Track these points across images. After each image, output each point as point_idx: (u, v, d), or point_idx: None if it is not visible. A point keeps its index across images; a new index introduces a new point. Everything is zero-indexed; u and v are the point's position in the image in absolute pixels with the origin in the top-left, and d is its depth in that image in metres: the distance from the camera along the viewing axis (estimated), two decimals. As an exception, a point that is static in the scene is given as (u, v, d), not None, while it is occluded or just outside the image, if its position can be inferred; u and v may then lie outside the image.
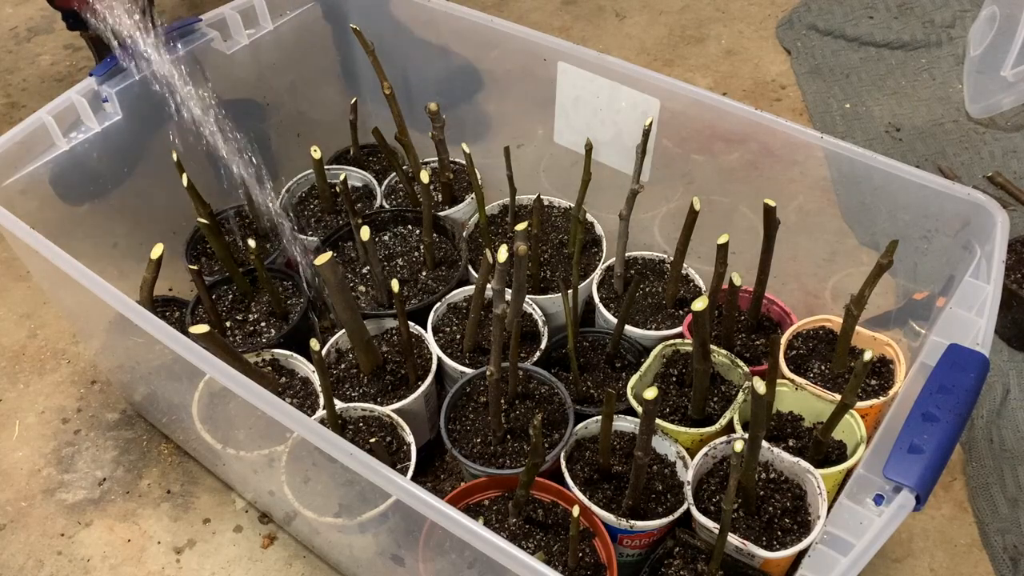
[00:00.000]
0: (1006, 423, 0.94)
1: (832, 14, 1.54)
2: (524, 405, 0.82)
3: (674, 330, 0.88)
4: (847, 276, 0.87)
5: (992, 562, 0.86)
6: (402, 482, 0.57)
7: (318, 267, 0.73)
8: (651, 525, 0.73)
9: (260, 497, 0.91)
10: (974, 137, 1.30)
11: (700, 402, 0.78)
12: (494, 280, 0.71)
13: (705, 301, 0.66)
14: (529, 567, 0.53)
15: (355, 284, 0.95)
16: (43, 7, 1.70)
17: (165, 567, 0.89)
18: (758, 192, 0.77)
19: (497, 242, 0.99)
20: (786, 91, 1.44)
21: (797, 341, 0.85)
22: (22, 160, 0.83)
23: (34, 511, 0.94)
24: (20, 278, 1.18)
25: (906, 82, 1.41)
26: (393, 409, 0.81)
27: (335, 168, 1.08)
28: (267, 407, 0.62)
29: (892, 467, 0.56)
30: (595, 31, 1.59)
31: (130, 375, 0.96)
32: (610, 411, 0.71)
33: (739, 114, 0.83)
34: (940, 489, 0.92)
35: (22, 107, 1.47)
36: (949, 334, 0.65)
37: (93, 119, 0.87)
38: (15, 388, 1.05)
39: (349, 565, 0.85)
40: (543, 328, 0.89)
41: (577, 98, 0.93)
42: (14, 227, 0.75)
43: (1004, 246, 0.69)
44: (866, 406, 0.77)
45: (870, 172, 0.78)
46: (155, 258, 0.80)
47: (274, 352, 0.86)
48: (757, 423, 0.63)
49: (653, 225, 0.98)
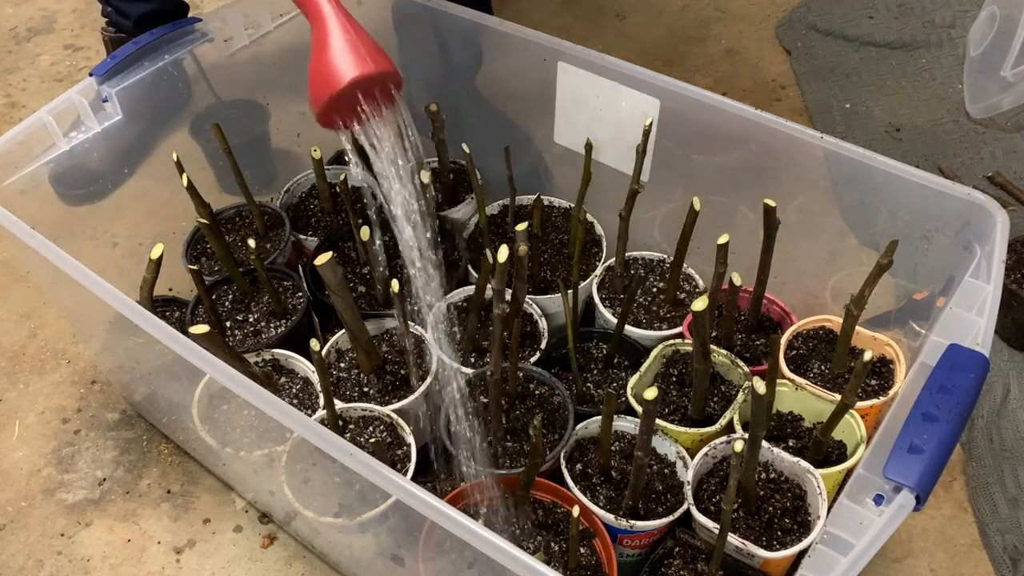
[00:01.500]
0: (1006, 423, 0.94)
1: (832, 14, 1.53)
2: (524, 405, 0.82)
3: (674, 330, 0.88)
4: (847, 276, 0.87)
5: (992, 562, 0.86)
6: (402, 482, 0.57)
7: (318, 267, 0.73)
8: (651, 525, 0.73)
9: (260, 497, 0.91)
10: (974, 137, 1.29)
11: (700, 402, 0.78)
12: (494, 280, 0.71)
13: (705, 301, 0.66)
14: (529, 567, 0.53)
15: (355, 284, 0.95)
16: (43, 7, 1.70)
17: (165, 567, 0.89)
18: (758, 192, 0.77)
19: (497, 242, 0.99)
20: (786, 91, 1.44)
21: (797, 341, 0.85)
22: (22, 160, 0.83)
23: (34, 511, 0.94)
24: (20, 278, 1.18)
25: (906, 82, 1.41)
26: (393, 409, 0.81)
27: (335, 168, 1.08)
28: (267, 407, 0.62)
29: (892, 467, 0.56)
30: (595, 31, 1.59)
31: (130, 375, 0.96)
32: (610, 411, 0.71)
33: (739, 114, 0.83)
34: (940, 489, 0.92)
35: (22, 107, 1.47)
36: (949, 334, 0.65)
37: (93, 119, 0.87)
38: (15, 388, 1.05)
39: (349, 565, 0.85)
40: (543, 328, 0.89)
41: (577, 98, 0.93)
42: (14, 227, 0.75)
43: (1004, 246, 0.69)
44: (866, 406, 0.77)
45: (870, 172, 0.78)
46: (155, 258, 0.80)
47: (274, 352, 0.86)
48: (757, 423, 0.63)
49: (653, 225, 0.97)
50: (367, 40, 0.68)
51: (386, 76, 0.68)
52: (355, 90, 0.68)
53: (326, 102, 0.68)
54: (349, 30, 0.67)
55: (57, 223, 0.88)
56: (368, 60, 0.67)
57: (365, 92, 0.69)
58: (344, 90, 0.67)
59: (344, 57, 0.66)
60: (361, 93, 0.69)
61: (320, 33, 0.68)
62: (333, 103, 0.68)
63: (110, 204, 0.95)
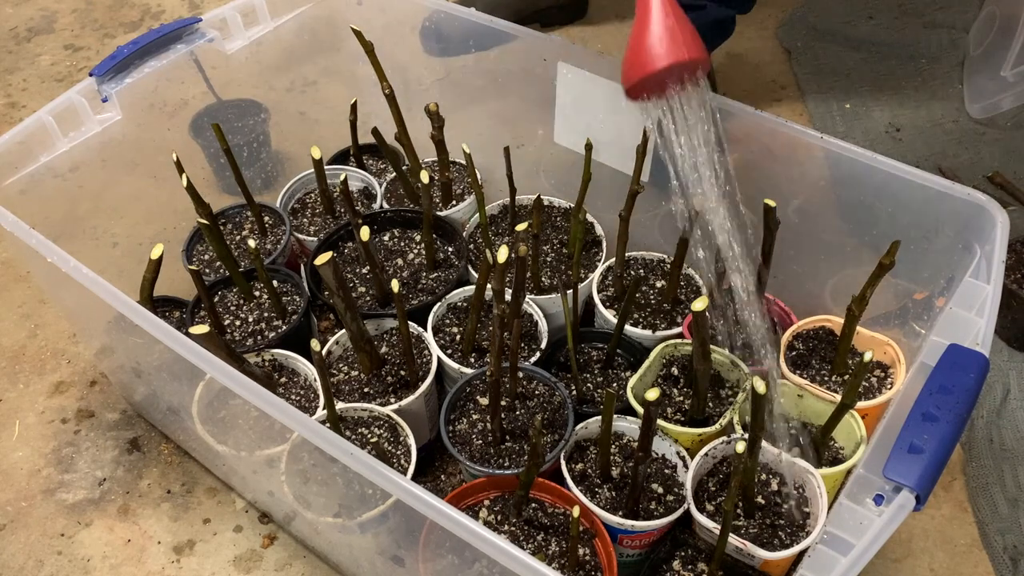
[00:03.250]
0: (1006, 423, 0.94)
1: (832, 15, 1.53)
2: (524, 405, 0.82)
3: (674, 330, 0.88)
4: (847, 276, 0.86)
5: (992, 562, 0.86)
6: (402, 482, 0.57)
7: (318, 267, 0.73)
8: (651, 525, 0.73)
9: (260, 497, 0.91)
10: (974, 137, 1.29)
11: (700, 402, 0.78)
12: (494, 280, 0.71)
13: (705, 301, 0.66)
14: (529, 567, 0.53)
15: (355, 284, 0.95)
16: (43, 7, 1.70)
17: (165, 567, 0.89)
18: (758, 192, 0.77)
19: (497, 242, 0.99)
20: (786, 91, 1.44)
21: (797, 341, 0.85)
22: (22, 160, 0.83)
23: (34, 511, 0.94)
24: (20, 278, 1.18)
25: (906, 82, 1.41)
26: (393, 409, 0.81)
27: (335, 168, 1.08)
28: (267, 407, 0.62)
29: (892, 467, 0.56)
30: (595, 31, 1.59)
31: (130, 375, 0.96)
32: (610, 411, 0.71)
33: (739, 114, 0.83)
34: (940, 489, 0.92)
35: (22, 107, 1.47)
36: (949, 334, 0.65)
37: (93, 119, 0.87)
38: (15, 388, 1.05)
39: (349, 565, 0.85)
40: (543, 328, 0.89)
41: (577, 98, 0.93)
42: (14, 227, 0.75)
43: (1004, 246, 0.69)
44: (866, 406, 0.77)
45: (870, 172, 0.78)
46: (155, 258, 0.80)
47: (274, 352, 0.86)
48: (757, 423, 0.63)
49: (653, 225, 0.97)
50: (686, 26, 0.70)
51: (697, 63, 0.70)
52: (666, 73, 0.70)
53: (637, 81, 0.71)
54: (670, 14, 0.69)
55: (57, 223, 0.88)
56: (683, 47, 0.69)
57: (675, 75, 0.71)
58: (657, 73, 0.70)
59: (660, 42, 0.69)
60: (671, 76, 0.71)
61: (643, 11, 0.70)
62: (644, 82, 0.71)
63: (110, 204, 0.95)
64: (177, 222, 1.00)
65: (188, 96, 1.02)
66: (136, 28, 1.65)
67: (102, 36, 1.62)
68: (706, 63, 0.71)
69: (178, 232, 1.00)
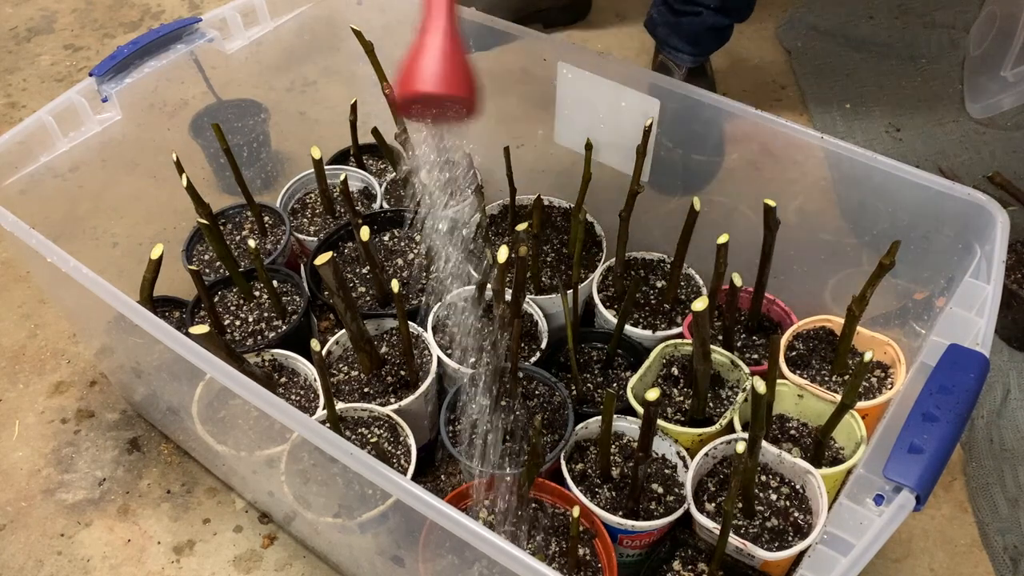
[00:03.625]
0: (1006, 423, 0.94)
1: (832, 14, 1.53)
2: (524, 405, 0.82)
3: (674, 330, 0.88)
4: (847, 276, 0.87)
5: (992, 562, 0.86)
6: (402, 482, 0.57)
7: (318, 267, 0.73)
8: (651, 525, 0.73)
9: (260, 497, 0.91)
10: (974, 137, 1.29)
11: (700, 402, 0.78)
12: (494, 280, 0.71)
13: (705, 301, 0.66)
14: (529, 567, 0.53)
15: (355, 284, 0.95)
16: (43, 7, 1.70)
17: (165, 567, 0.89)
18: (758, 192, 0.77)
19: (497, 242, 0.99)
20: (786, 91, 1.44)
21: (797, 341, 0.85)
22: (22, 160, 0.83)
23: (34, 511, 0.94)
24: (20, 278, 1.18)
25: (906, 82, 1.41)
26: (393, 409, 0.81)
27: (335, 168, 1.08)
28: (267, 407, 0.62)
29: (892, 467, 0.56)
30: (595, 31, 1.59)
31: (130, 375, 0.96)
32: (610, 411, 0.71)
33: (739, 114, 0.83)
34: (940, 489, 0.92)
35: (22, 107, 1.47)
36: (949, 334, 0.65)
37: (93, 119, 0.87)
38: (15, 388, 1.05)
39: (349, 565, 0.85)
40: (543, 328, 0.89)
41: (577, 98, 0.93)
42: (14, 227, 0.75)
43: (1004, 246, 0.69)
44: (866, 406, 0.77)
45: (870, 172, 0.78)
46: (155, 258, 0.80)
47: (274, 352, 0.86)
48: (757, 423, 0.63)
49: (653, 225, 0.97)
50: (460, 60, 0.69)
51: (458, 100, 0.70)
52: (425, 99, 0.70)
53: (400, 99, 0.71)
54: (447, 45, 0.69)
55: (57, 223, 0.88)
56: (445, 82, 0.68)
57: (435, 104, 0.71)
58: (416, 96, 0.69)
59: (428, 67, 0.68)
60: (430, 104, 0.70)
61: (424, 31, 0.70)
62: (407, 101, 0.71)
63: (110, 204, 0.95)
64: (177, 222, 1.00)
65: (188, 96, 1.02)
66: (136, 28, 1.65)
67: (102, 36, 1.62)
68: (468, 102, 0.70)
69: (178, 232, 1.00)
